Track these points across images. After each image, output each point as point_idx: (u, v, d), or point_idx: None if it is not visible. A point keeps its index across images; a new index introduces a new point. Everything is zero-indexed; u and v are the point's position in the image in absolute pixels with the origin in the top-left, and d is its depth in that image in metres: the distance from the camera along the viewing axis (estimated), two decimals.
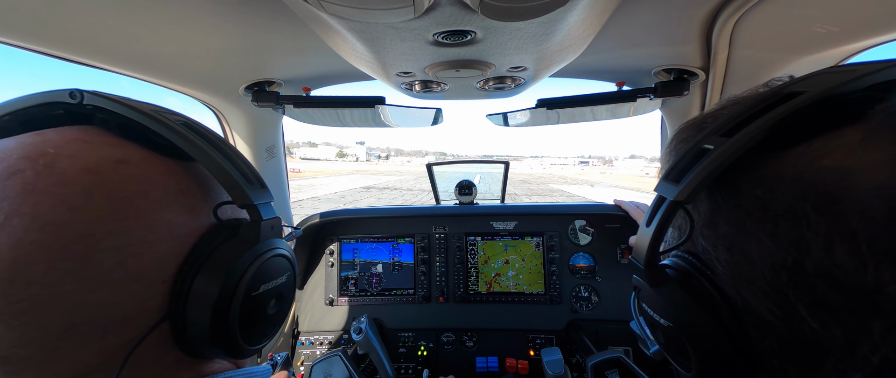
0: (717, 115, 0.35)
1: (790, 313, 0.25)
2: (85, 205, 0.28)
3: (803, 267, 0.24)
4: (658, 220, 0.31)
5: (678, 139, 0.39)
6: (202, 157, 0.34)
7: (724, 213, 0.30)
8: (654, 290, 0.33)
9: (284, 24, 0.75)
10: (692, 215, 0.32)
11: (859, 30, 0.69)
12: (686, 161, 0.31)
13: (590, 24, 0.62)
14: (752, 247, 0.27)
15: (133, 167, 0.32)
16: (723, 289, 0.30)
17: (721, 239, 0.30)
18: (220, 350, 0.35)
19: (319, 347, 1.42)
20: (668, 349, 0.36)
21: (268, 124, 1.31)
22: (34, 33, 0.70)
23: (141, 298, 0.31)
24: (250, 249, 0.36)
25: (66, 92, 0.33)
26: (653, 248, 0.32)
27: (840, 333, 0.23)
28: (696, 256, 0.33)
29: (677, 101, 1.07)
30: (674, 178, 0.31)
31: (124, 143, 0.33)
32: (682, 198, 0.29)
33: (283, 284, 0.41)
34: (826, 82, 0.26)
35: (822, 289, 0.23)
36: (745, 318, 0.29)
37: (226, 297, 0.34)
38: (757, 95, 0.32)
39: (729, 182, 0.30)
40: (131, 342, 0.31)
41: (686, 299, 0.31)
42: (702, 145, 0.30)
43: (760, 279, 0.27)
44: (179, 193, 0.35)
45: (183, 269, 0.33)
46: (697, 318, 0.30)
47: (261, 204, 0.37)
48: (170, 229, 0.33)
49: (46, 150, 0.30)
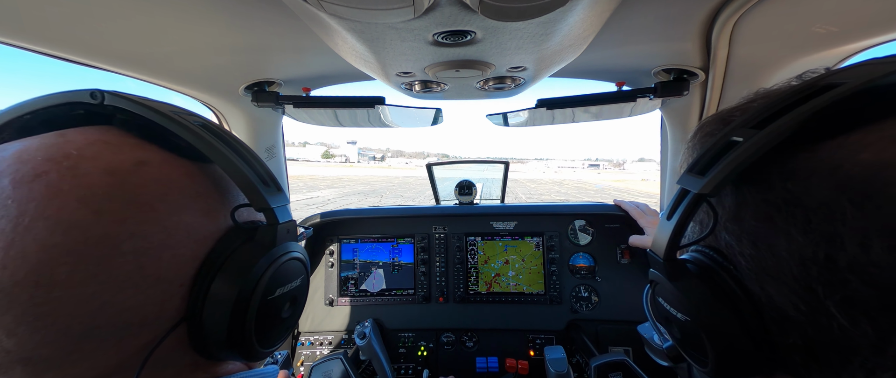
0: (746, 108, 0.35)
1: (817, 310, 0.25)
2: (107, 207, 0.29)
3: (835, 262, 0.23)
4: (680, 214, 0.30)
5: (703, 133, 0.38)
6: (220, 159, 0.34)
7: (751, 207, 0.29)
8: (672, 285, 0.33)
9: (284, 24, 0.75)
10: (716, 209, 0.31)
11: (859, 30, 0.70)
12: (712, 153, 0.30)
13: (589, 24, 0.62)
14: (780, 241, 0.26)
15: (153, 169, 0.32)
16: (745, 284, 0.29)
17: (746, 233, 0.29)
18: (235, 353, 0.35)
19: (319, 348, 1.42)
20: (684, 344, 0.35)
21: (268, 124, 1.31)
22: (35, 34, 0.70)
23: (159, 301, 0.31)
24: (267, 253, 0.36)
25: (86, 92, 0.33)
26: (673, 241, 0.31)
27: (871, 331, 0.23)
28: (717, 251, 0.32)
29: (677, 101, 1.07)
30: (699, 171, 0.30)
31: (144, 145, 0.33)
32: (708, 191, 0.28)
33: (297, 288, 0.41)
34: (867, 73, 0.25)
35: (855, 285, 0.23)
36: (767, 314, 0.28)
37: (243, 300, 0.34)
38: (790, 88, 0.31)
39: (757, 175, 0.29)
40: (149, 344, 0.31)
41: (706, 294, 0.30)
42: (730, 138, 0.30)
43: (787, 275, 0.26)
44: (197, 196, 0.35)
45: (201, 272, 0.33)
46: (717, 313, 0.30)
47: (278, 207, 0.37)
48: (188, 232, 0.33)
49: (69, 151, 0.30)
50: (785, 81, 0.34)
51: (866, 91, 0.24)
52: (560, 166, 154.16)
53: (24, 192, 0.27)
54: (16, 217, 0.26)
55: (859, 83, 0.25)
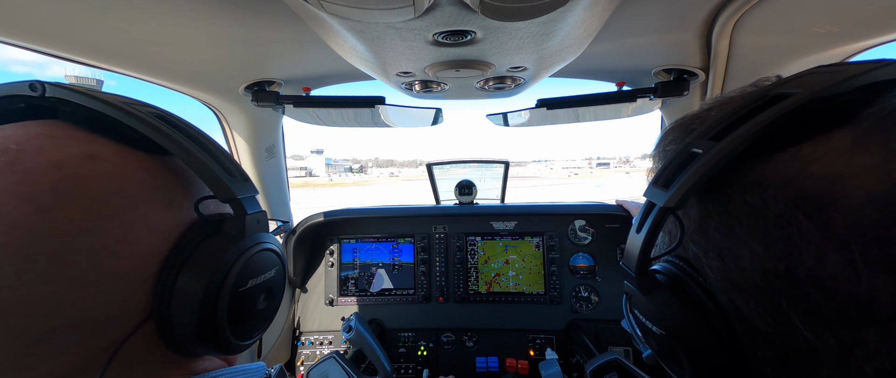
0: (705, 116, 0.35)
1: (783, 322, 0.25)
2: (53, 204, 0.27)
3: (795, 275, 0.23)
4: (648, 227, 0.30)
5: (667, 141, 0.38)
6: (178, 150, 0.32)
7: (715, 219, 0.29)
8: (645, 298, 0.33)
9: (284, 24, 0.75)
10: (682, 221, 0.31)
11: (859, 30, 0.70)
12: (675, 165, 0.30)
13: (590, 24, 0.62)
14: (744, 254, 0.26)
15: (104, 163, 0.31)
16: (715, 296, 0.29)
17: (712, 245, 0.29)
18: (209, 347, 0.35)
19: (320, 348, 1.42)
20: (661, 356, 0.35)
21: (268, 124, 1.31)
22: (35, 33, 0.70)
23: (122, 298, 0.30)
24: (236, 244, 0.35)
25: (25, 84, 0.31)
26: (643, 254, 0.31)
27: (834, 342, 0.23)
28: (687, 262, 0.32)
29: (677, 101, 1.07)
30: (663, 184, 0.30)
31: (94, 138, 0.31)
32: (672, 204, 0.28)
33: (272, 279, 0.40)
34: (815, 83, 0.25)
35: (815, 297, 0.23)
36: (737, 325, 0.28)
37: (212, 294, 0.33)
38: (744, 96, 0.31)
39: (718, 187, 0.29)
40: (115, 343, 0.30)
41: (677, 306, 0.30)
42: (690, 149, 0.30)
43: (752, 287, 0.26)
44: (156, 188, 0.33)
45: (165, 266, 0.32)
46: (689, 326, 0.29)
47: (244, 198, 0.36)
48: (148, 226, 0.31)
49: (7, 146, 0.28)
50: (741, 87, 0.35)
51: (814, 102, 0.24)
52: (564, 167, 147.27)
53: None
54: None
55: (806, 94, 0.25)
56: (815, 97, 0.24)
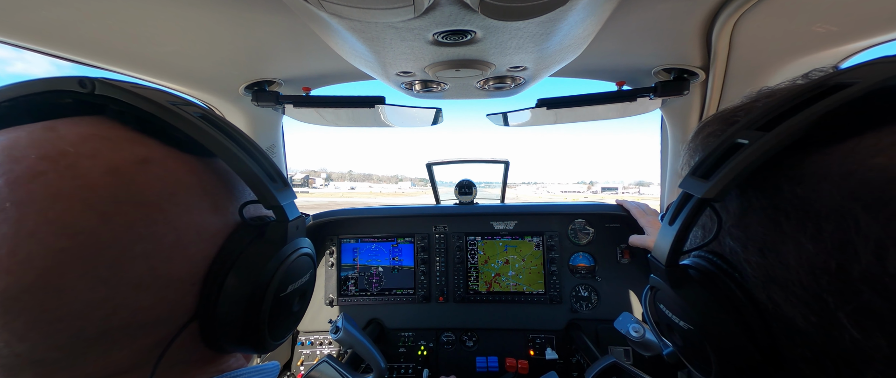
0: (750, 108, 0.33)
1: (828, 321, 0.24)
2: (114, 210, 0.28)
3: (848, 272, 0.22)
4: (683, 219, 0.29)
5: (705, 133, 0.37)
6: (225, 154, 0.33)
7: (758, 213, 0.28)
8: (675, 292, 0.31)
9: (284, 24, 0.75)
10: (720, 214, 0.30)
11: (859, 30, 0.70)
12: (716, 156, 0.29)
13: (590, 24, 0.62)
14: (789, 249, 0.25)
15: (157, 167, 0.31)
16: (752, 292, 0.28)
17: (752, 240, 0.28)
18: (247, 347, 0.36)
19: (319, 347, 1.42)
20: (686, 353, 0.34)
21: (268, 124, 1.31)
22: (35, 33, 0.70)
23: (172, 301, 0.31)
24: (278, 251, 0.35)
25: (75, 80, 0.31)
26: (676, 247, 0.30)
27: (885, 344, 0.22)
28: (721, 257, 0.31)
29: (677, 100, 1.07)
30: (702, 174, 0.29)
31: (143, 140, 0.32)
32: (712, 195, 0.27)
33: (306, 283, 0.42)
34: (880, 72, 0.24)
35: (867, 296, 0.22)
36: (774, 324, 0.27)
37: (257, 298, 0.33)
38: (796, 87, 0.30)
39: (764, 179, 0.27)
40: (162, 341, 0.31)
41: (711, 302, 0.29)
42: (735, 139, 0.28)
43: (796, 284, 0.25)
44: (204, 193, 0.34)
45: (212, 270, 0.33)
46: (722, 323, 0.28)
47: (286, 204, 0.36)
48: (198, 231, 0.32)
49: (65, 149, 0.28)
50: (790, 80, 0.33)
51: (879, 91, 0.23)
52: (564, 191, 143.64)
53: (23, 194, 0.26)
54: (17, 221, 0.25)
55: (872, 83, 0.23)
56: (881, 86, 0.23)
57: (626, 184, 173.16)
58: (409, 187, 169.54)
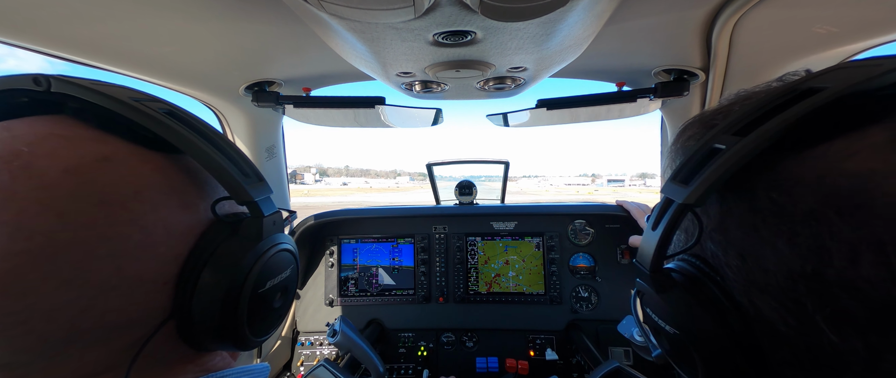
0: (728, 111, 0.34)
1: (807, 324, 0.24)
2: (72, 210, 0.27)
3: (823, 276, 0.22)
4: (665, 224, 0.30)
5: (685, 136, 0.37)
6: (194, 152, 0.32)
7: (737, 217, 0.28)
8: (659, 296, 0.32)
9: (284, 24, 0.75)
10: (701, 219, 0.30)
11: (859, 30, 0.70)
12: (695, 161, 0.29)
13: (590, 25, 0.62)
14: (767, 253, 0.25)
15: (119, 166, 0.30)
16: (733, 296, 0.28)
17: (732, 244, 0.28)
18: (227, 344, 0.35)
19: (319, 348, 1.42)
20: (673, 356, 0.34)
21: (268, 124, 1.31)
22: (35, 33, 0.70)
23: (143, 301, 0.30)
24: (254, 247, 0.35)
25: (29, 77, 0.30)
26: (659, 252, 0.31)
27: (862, 347, 0.22)
28: (704, 261, 0.31)
29: (677, 101, 1.07)
30: (682, 180, 0.29)
31: (104, 137, 0.31)
32: (692, 201, 0.27)
33: (287, 278, 0.41)
34: (849, 77, 0.24)
35: (844, 300, 0.22)
36: (756, 327, 0.27)
37: (233, 296, 0.33)
38: (771, 91, 0.30)
39: (742, 184, 0.28)
40: (138, 342, 0.30)
41: (694, 306, 0.29)
42: (712, 145, 0.29)
43: (775, 288, 0.25)
44: (172, 191, 0.33)
45: (185, 269, 0.32)
46: (706, 326, 0.29)
47: (261, 200, 0.36)
48: (167, 230, 0.31)
49: (19, 148, 0.27)
50: (765, 83, 0.34)
51: (848, 96, 0.23)
52: (568, 184, 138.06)
53: None
54: None
55: (841, 88, 0.24)
56: (851, 91, 0.23)
57: (631, 175, 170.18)
58: (408, 182, 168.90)
